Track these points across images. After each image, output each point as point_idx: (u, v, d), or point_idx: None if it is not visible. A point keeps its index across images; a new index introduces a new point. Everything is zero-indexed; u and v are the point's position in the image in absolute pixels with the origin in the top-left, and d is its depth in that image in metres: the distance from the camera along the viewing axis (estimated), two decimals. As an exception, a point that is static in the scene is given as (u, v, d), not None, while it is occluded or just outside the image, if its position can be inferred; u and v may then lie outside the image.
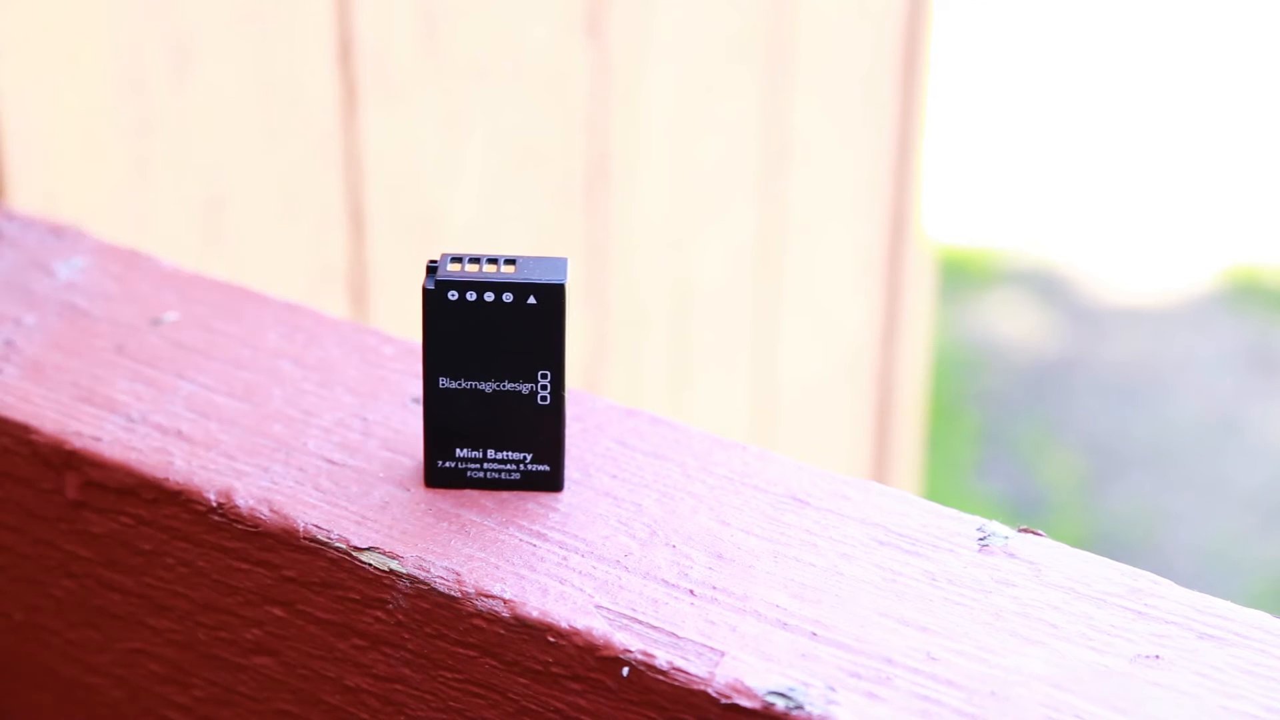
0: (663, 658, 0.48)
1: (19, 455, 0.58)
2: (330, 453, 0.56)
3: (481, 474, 0.54)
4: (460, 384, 0.54)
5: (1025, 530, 0.52)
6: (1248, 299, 2.65)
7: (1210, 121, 3.04)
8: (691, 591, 0.50)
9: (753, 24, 1.25)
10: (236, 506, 0.54)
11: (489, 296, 0.52)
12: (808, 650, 0.48)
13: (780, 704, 0.46)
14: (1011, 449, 2.37)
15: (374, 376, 0.60)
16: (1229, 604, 0.49)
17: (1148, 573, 0.51)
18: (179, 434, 0.57)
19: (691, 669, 0.48)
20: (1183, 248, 2.75)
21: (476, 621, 0.50)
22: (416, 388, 0.59)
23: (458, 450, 0.54)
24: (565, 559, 0.52)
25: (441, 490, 0.55)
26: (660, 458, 0.56)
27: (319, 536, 0.53)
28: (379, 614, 0.53)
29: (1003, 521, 0.53)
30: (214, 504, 0.55)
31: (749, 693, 0.47)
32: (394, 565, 0.52)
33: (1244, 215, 2.84)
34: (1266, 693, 0.46)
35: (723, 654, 0.48)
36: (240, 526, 0.54)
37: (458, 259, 0.53)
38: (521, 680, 0.50)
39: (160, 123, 0.84)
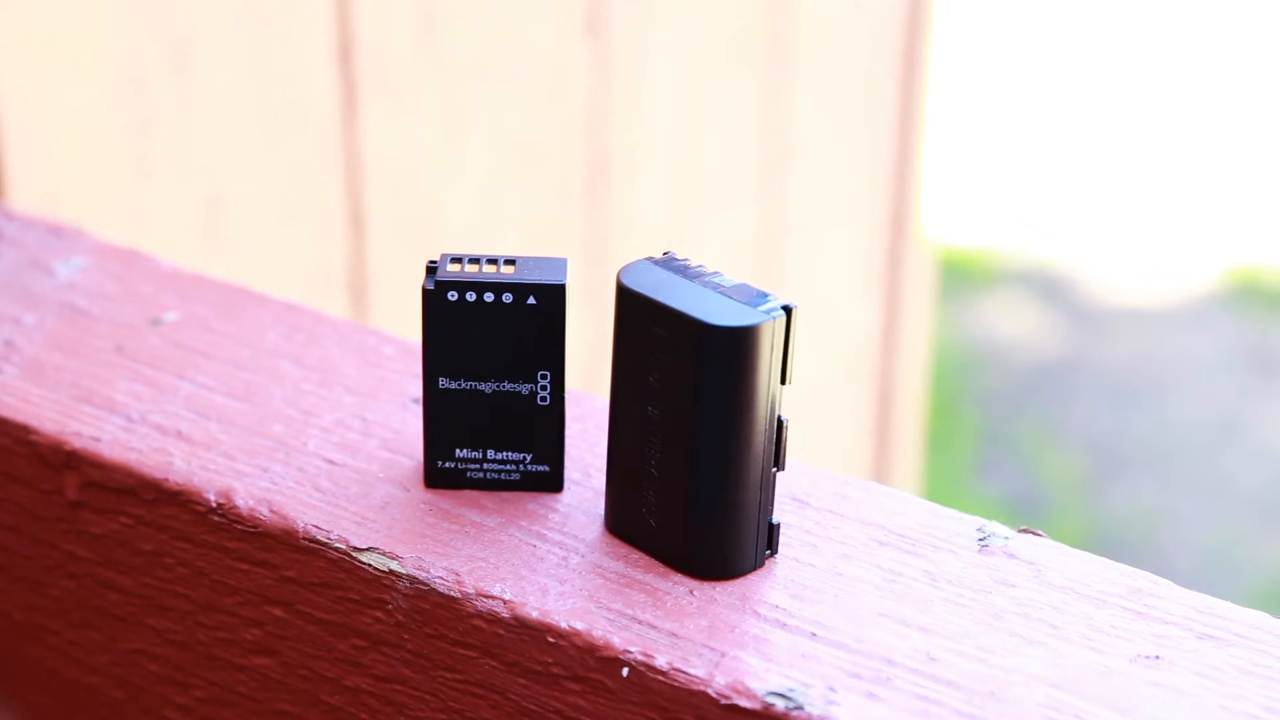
0: (663, 658, 0.48)
1: (19, 455, 0.58)
2: (330, 453, 0.56)
3: (481, 474, 0.54)
4: (460, 384, 0.54)
5: (1025, 530, 0.52)
6: (1248, 299, 2.65)
7: (1210, 122, 3.04)
8: (691, 592, 0.50)
9: (753, 24, 1.25)
10: (236, 507, 0.54)
11: (489, 297, 0.52)
12: (808, 650, 0.48)
13: (780, 704, 0.46)
14: (1011, 449, 2.37)
15: (374, 376, 0.60)
16: (1229, 604, 0.50)
17: (1147, 573, 0.51)
18: (179, 434, 0.57)
19: (691, 669, 0.48)
20: (1183, 248, 2.75)
21: (476, 622, 0.50)
22: (416, 388, 0.59)
23: (457, 450, 0.54)
24: (565, 559, 0.52)
25: (441, 490, 0.55)
26: (660, 458, 0.56)
27: (319, 537, 0.53)
28: (379, 614, 0.53)
29: (1003, 521, 0.53)
30: (214, 504, 0.55)
31: (749, 693, 0.47)
32: (394, 565, 0.52)
33: (1244, 216, 2.84)
34: (1266, 693, 0.46)
35: (723, 654, 0.48)
36: (240, 527, 0.54)
37: (457, 259, 0.53)
38: (521, 681, 0.50)
39: (160, 123, 0.84)
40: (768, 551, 0.51)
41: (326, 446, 0.57)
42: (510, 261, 0.53)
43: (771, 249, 1.35)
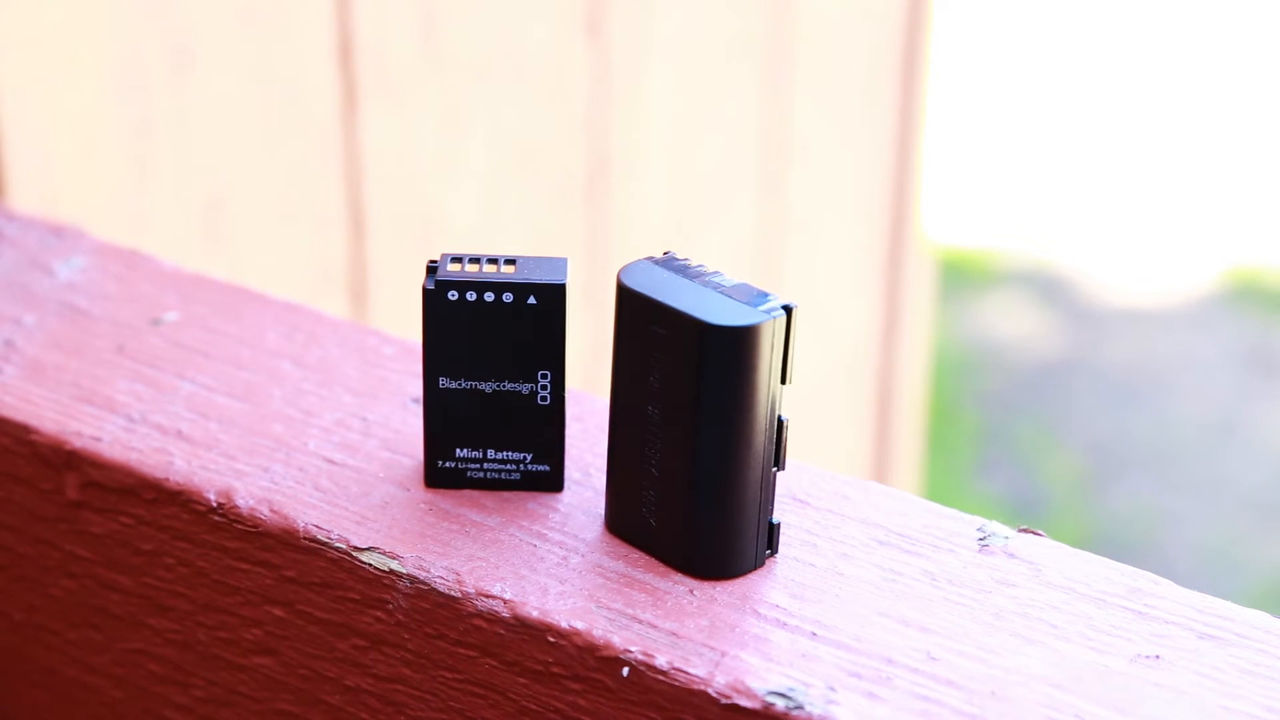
0: (663, 658, 0.48)
1: (19, 455, 0.58)
2: (330, 453, 0.56)
3: (481, 474, 0.54)
4: (460, 384, 0.54)
5: (1025, 530, 0.52)
6: (1248, 299, 2.65)
7: (1209, 122, 3.04)
8: (691, 591, 0.50)
9: (753, 24, 1.25)
10: (236, 506, 0.54)
11: (489, 296, 0.52)
12: (808, 650, 0.48)
13: (780, 704, 0.46)
14: (1011, 449, 2.37)
15: (374, 376, 0.60)
16: (1229, 604, 0.50)
17: (1148, 573, 0.51)
18: (179, 434, 0.57)
19: (691, 669, 0.48)
20: (1183, 249, 2.75)
21: (476, 621, 0.51)
22: (416, 388, 0.59)
23: (458, 450, 0.54)
24: (565, 559, 0.52)
25: (441, 490, 0.55)
26: (660, 458, 0.56)
27: (319, 536, 0.53)
28: (379, 614, 0.53)
29: (1003, 521, 0.53)
30: (214, 504, 0.55)
31: (749, 693, 0.47)
32: (394, 565, 0.52)
33: (1244, 216, 2.84)
34: (1266, 693, 0.46)
35: (723, 654, 0.48)
36: (240, 526, 0.54)
37: (458, 259, 0.53)
38: (522, 680, 0.50)
39: (160, 123, 0.84)
40: (768, 551, 0.51)
41: (327, 446, 0.57)
42: (510, 261, 0.53)
43: (771, 249, 1.35)
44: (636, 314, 0.50)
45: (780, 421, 0.50)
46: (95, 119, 0.81)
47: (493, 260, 0.53)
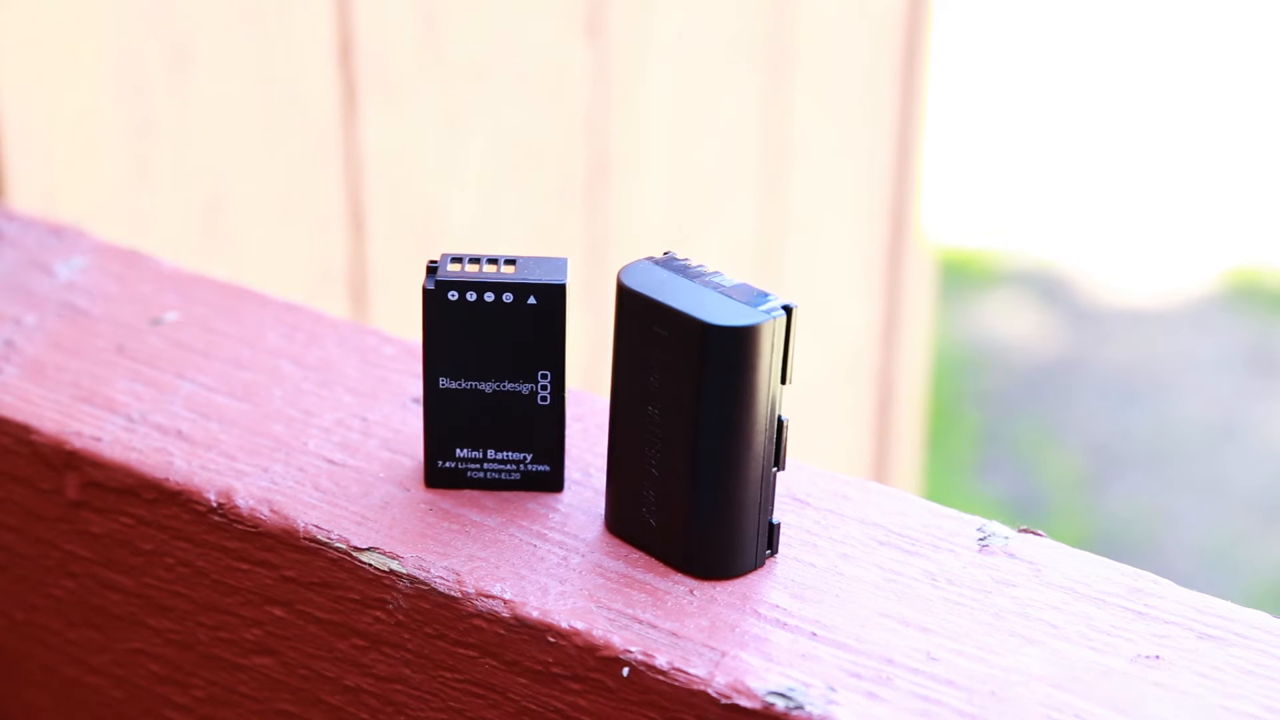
0: (663, 658, 0.48)
1: (19, 455, 0.58)
2: (330, 453, 0.56)
3: (481, 474, 0.54)
4: (460, 384, 0.54)
5: (1025, 530, 0.52)
6: (1248, 300, 2.65)
7: (1209, 123, 3.04)
8: (691, 591, 0.50)
9: (753, 24, 1.25)
10: (236, 507, 0.54)
11: (489, 297, 0.52)
12: (808, 650, 0.48)
13: (780, 704, 0.46)
14: (1011, 449, 2.37)
15: (374, 376, 0.60)
16: (1229, 604, 0.50)
17: (1148, 573, 0.51)
18: (179, 434, 0.57)
19: (692, 669, 0.48)
20: (1183, 249, 2.75)
21: (476, 621, 0.51)
22: (416, 388, 0.59)
23: (458, 450, 0.54)
24: (565, 559, 0.52)
25: (442, 490, 0.55)
26: (660, 458, 0.56)
27: (319, 536, 0.53)
28: (379, 614, 0.53)
29: (1003, 521, 0.53)
30: (214, 504, 0.55)
31: (749, 693, 0.47)
32: (394, 565, 0.52)
33: (1244, 217, 2.84)
34: (1266, 693, 0.46)
35: (723, 654, 0.48)
36: (240, 527, 0.54)
37: (458, 259, 0.53)
38: (522, 680, 0.50)
39: (160, 123, 0.84)
40: (768, 551, 0.51)
41: (327, 446, 0.57)
42: (510, 261, 0.53)
43: (771, 249, 1.35)
44: (636, 314, 0.50)
45: (780, 421, 0.50)
46: (95, 119, 0.81)
47: (493, 260, 0.53)
